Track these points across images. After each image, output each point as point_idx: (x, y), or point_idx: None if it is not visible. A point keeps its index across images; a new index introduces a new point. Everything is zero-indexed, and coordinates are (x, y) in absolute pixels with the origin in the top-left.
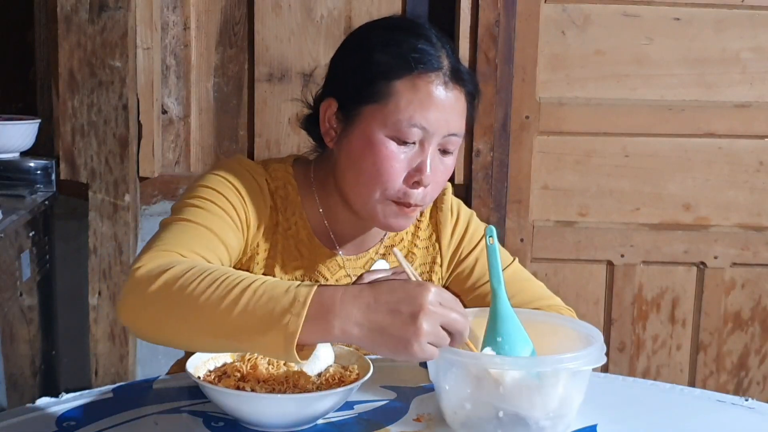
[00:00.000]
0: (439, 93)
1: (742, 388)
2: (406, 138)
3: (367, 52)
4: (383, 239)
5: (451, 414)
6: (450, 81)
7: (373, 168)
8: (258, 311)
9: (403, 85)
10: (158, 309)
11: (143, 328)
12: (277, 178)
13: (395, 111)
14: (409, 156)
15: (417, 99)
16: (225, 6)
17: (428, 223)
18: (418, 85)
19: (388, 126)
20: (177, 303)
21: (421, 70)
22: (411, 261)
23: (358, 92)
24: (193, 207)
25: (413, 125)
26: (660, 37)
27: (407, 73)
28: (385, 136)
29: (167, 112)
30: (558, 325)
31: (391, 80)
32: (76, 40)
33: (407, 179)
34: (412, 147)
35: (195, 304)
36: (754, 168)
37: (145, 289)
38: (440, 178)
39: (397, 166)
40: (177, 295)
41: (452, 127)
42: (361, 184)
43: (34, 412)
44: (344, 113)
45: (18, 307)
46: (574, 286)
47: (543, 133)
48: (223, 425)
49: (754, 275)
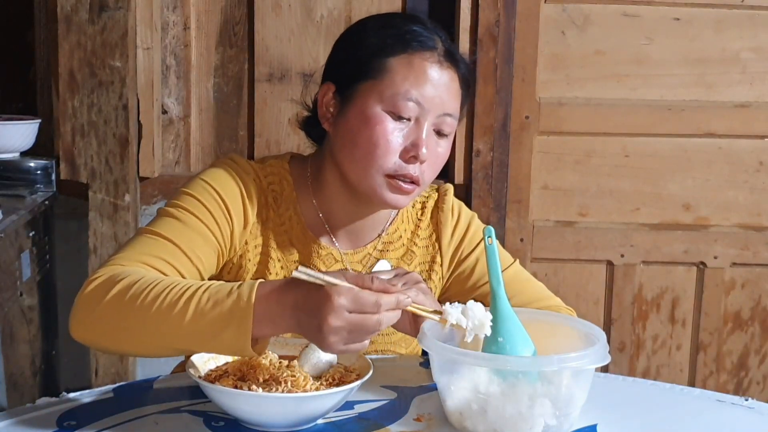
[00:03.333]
0: (433, 71)
1: (742, 388)
2: (402, 112)
3: (363, 35)
4: (381, 235)
5: (456, 414)
6: (444, 61)
7: (370, 142)
8: (207, 315)
9: (399, 62)
10: (110, 322)
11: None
12: (272, 174)
13: (391, 85)
14: (405, 132)
15: (413, 74)
16: (225, 6)
17: (429, 222)
18: (413, 62)
19: (384, 100)
20: (128, 315)
21: (416, 48)
22: (410, 260)
23: (354, 71)
24: (168, 218)
25: (409, 99)
26: (660, 37)
27: (402, 51)
28: (381, 110)
29: (167, 112)
30: (558, 325)
31: (387, 57)
32: (76, 40)
33: (403, 154)
34: (408, 123)
35: (147, 315)
36: (754, 168)
37: (95, 305)
38: (436, 159)
39: (393, 139)
40: (127, 307)
41: (447, 107)
42: (358, 160)
43: (34, 412)
44: (341, 94)
45: (18, 307)
46: (574, 286)
47: (543, 133)
48: (224, 425)
49: (754, 275)
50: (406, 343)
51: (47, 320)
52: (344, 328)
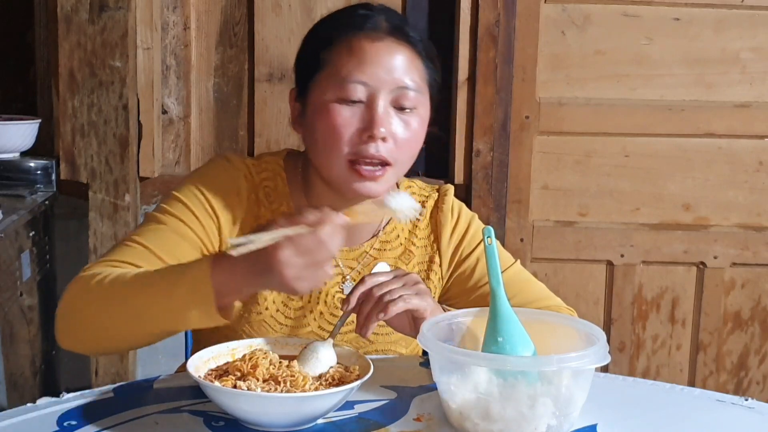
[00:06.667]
0: (375, 49)
1: (741, 388)
2: (349, 96)
3: (311, 33)
4: (378, 234)
5: (456, 414)
6: (389, 37)
7: (326, 132)
8: (174, 291)
9: (339, 48)
10: (89, 326)
11: (83, 347)
12: (267, 170)
13: (335, 73)
14: (359, 115)
15: (354, 57)
16: (225, 6)
17: (428, 222)
18: (352, 45)
19: (330, 89)
20: (102, 314)
21: (355, 31)
22: (408, 259)
23: (306, 69)
24: (149, 223)
25: (352, 81)
26: (660, 37)
27: (343, 37)
28: (331, 100)
29: (167, 112)
30: (558, 325)
31: (329, 47)
32: (76, 40)
33: (360, 135)
34: (360, 105)
35: (119, 309)
36: (754, 168)
37: (72, 314)
38: (405, 135)
39: (346, 124)
40: (100, 307)
41: (399, 81)
42: (321, 153)
43: (34, 412)
44: (301, 95)
45: (18, 307)
46: (574, 286)
47: (543, 133)
48: (224, 425)
49: (754, 275)
50: (406, 342)
51: (47, 320)
52: (301, 270)
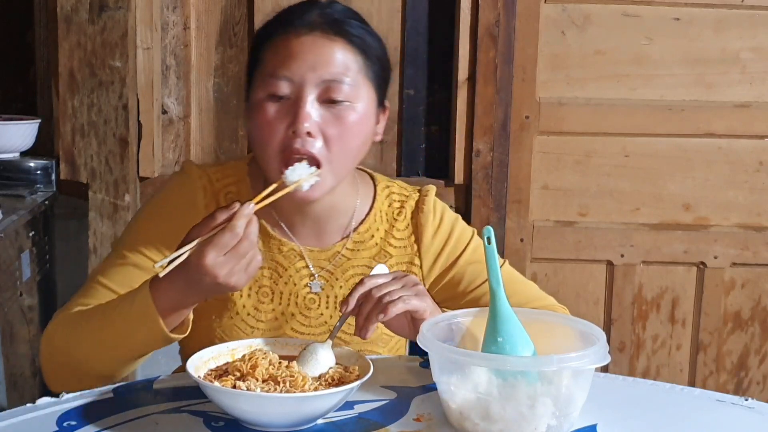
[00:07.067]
0: (298, 43)
1: (741, 388)
2: (275, 91)
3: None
4: (349, 235)
5: (456, 414)
6: (316, 30)
7: (258, 129)
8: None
9: (268, 46)
10: (68, 366)
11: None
12: (230, 176)
13: (263, 71)
14: (285, 110)
15: (279, 53)
16: (225, 6)
17: (408, 223)
18: (277, 42)
19: (261, 87)
20: (77, 353)
21: (284, 28)
22: (384, 260)
23: (249, 69)
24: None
25: (276, 77)
26: (660, 37)
27: (274, 35)
28: (261, 98)
29: (167, 112)
30: (558, 325)
31: (264, 46)
32: (76, 40)
33: (286, 131)
34: (287, 101)
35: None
36: (754, 168)
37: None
38: (335, 130)
39: (274, 120)
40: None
41: (324, 74)
42: (257, 151)
43: (34, 412)
44: (246, 96)
45: (18, 307)
46: (574, 286)
47: (543, 133)
48: (224, 425)
49: (754, 275)
50: (384, 342)
51: (47, 320)
52: (230, 267)
